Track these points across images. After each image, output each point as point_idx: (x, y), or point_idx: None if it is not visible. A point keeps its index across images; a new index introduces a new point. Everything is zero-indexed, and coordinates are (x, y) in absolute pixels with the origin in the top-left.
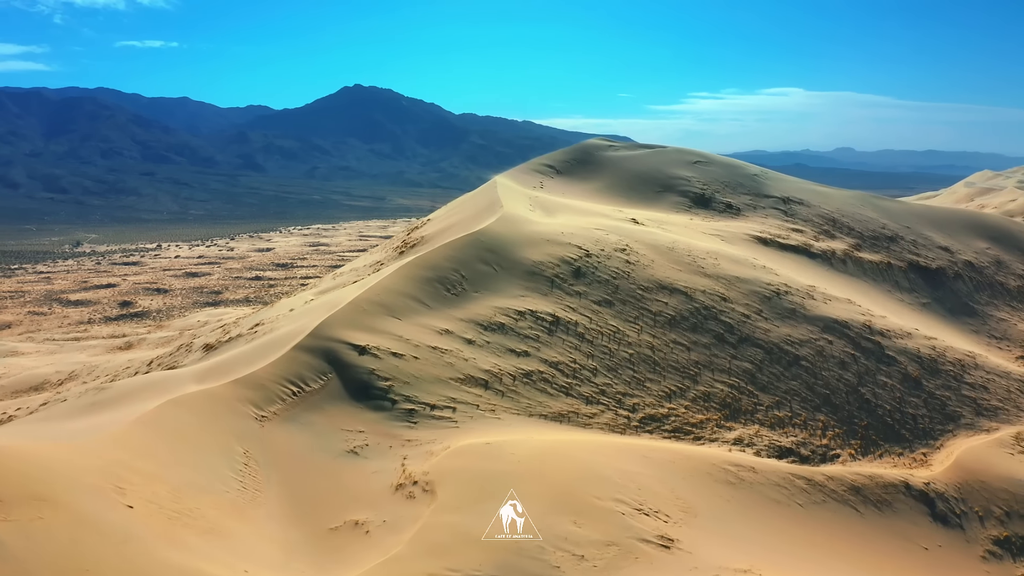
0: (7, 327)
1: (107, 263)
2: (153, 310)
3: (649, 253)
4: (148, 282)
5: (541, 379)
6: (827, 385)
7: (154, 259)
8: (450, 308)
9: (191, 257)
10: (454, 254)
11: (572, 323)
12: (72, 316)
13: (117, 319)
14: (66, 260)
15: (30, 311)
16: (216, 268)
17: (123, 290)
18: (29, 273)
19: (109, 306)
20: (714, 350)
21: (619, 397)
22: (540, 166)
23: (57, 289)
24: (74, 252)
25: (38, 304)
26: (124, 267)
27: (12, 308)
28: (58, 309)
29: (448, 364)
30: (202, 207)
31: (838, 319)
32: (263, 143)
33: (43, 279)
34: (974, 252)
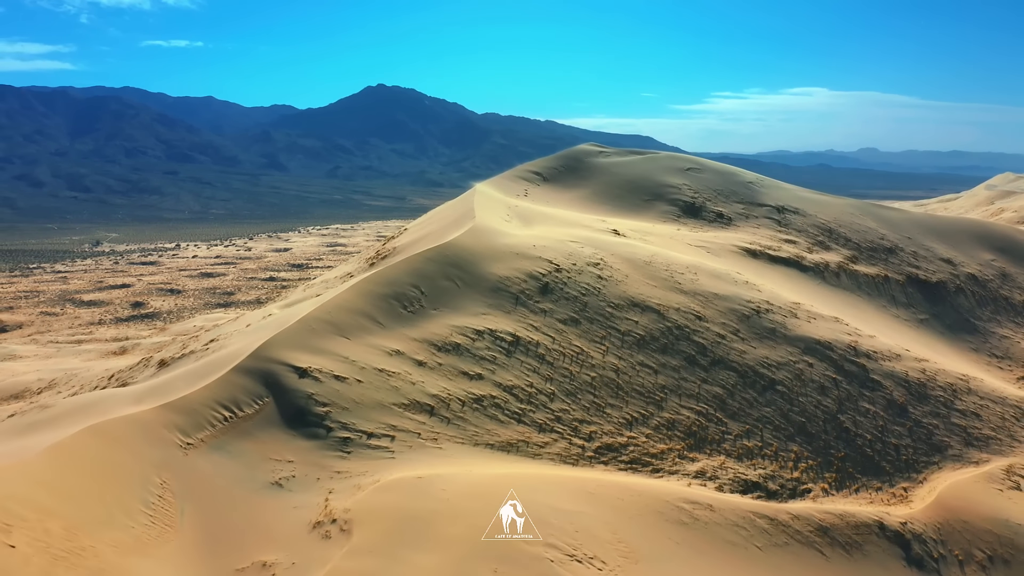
0: (18, 327)
1: (125, 263)
2: (164, 311)
3: (624, 268)
4: (162, 282)
5: (492, 405)
6: (804, 412)
7: (172, 259)
8: (405, 327)
9: (208, 257)
10: (415, 269)
11: (533, 343)
12: (83, 317)
13: (128, 320)
14: (85, 260)
15: (43, 311)
16: (231, 268)
17: (137, 291)
18: (47, 272)
19: (121, 307)
20: (684, 373)
21: (575, 424)
22: (526, 173)
23: (72, 289)
24: (93, 251)
25: (51, 304)
26: (141, 267)
27: (26, 308)
28: (70, 309)
29: (393, 388)
30: (223, 206)
31: (821, 340)
32: (286, 142)
33: (60, 279)
34: (978, 264)
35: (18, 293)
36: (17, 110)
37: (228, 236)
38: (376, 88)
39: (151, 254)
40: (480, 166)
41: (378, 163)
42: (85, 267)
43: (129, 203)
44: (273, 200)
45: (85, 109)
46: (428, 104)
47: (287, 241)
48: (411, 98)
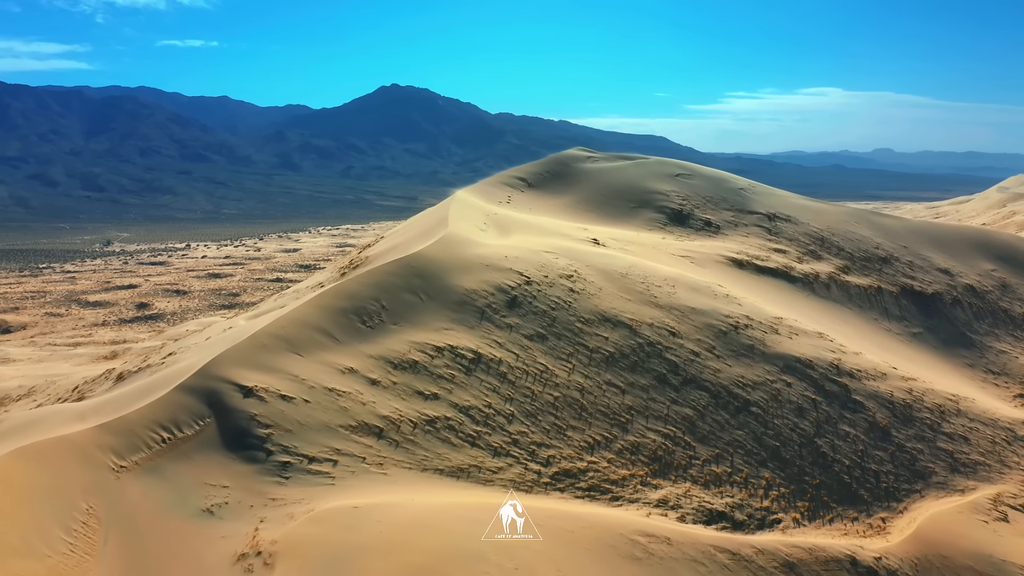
0: (22, 328)
1: (134, 263)
2: (168, 313)
3: (598, 280)
4: (169, 283)
5: (446, 427)
6: (778, 435)
7: (181, 259)
8: (362, 343)
9: (217, 257)
10: (377, 282)
11: (495, 361)
12: (88, 318)
13: (131, 321)
14: (94, 259)
15: (48, 312)
16: (239, 269)
17: (143, 291)
18: (56, 272)
19: (126, 308)
20: (653, 393)
21: (533, 448)
22: (511, 179)
23: (79, 290)
24: (103, 251)
25: (57, 305)
26: (150, 267)
27: (31, 309)
28: (75, 310)
29: (342, 409)
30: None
31: (802, 357)
32: (300, 142)
33: (68, 279)
34: (977, 274)
35: (25, 293)
36: (33, 110)
37: (239, 236)
38: (390, 88)
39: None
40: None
41: (391, 163)
42: (94, 267)
43: (142, 203)
44: (285, 200)
45: (100, 109)
46: (442, 104)
47: (297, 241)
48: (425, 98)
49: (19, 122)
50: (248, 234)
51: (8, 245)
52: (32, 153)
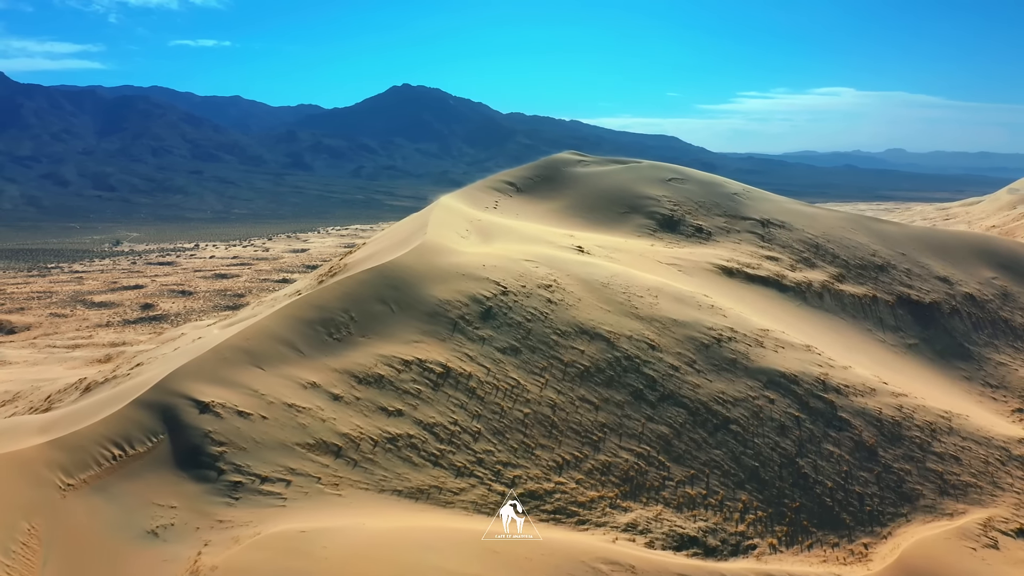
0: (26, 329)
1: (142, 263)
2: (172, 313)
3: (578, 290)
4: (175, 284)
5: (408, 445)
6: (758, 455)
7: (189, 259)
8: (327, 356)
9: (225, 257)
10: (347, 292)
11: (465, 375)
12: (92, 319)
13: (135, 322)
14: (103, 259)
15: (52, 312)
16: (246, 270)
17: (149, 292)
18: (64, 272)
19: (131, 308)
20: (628, 410)
21: (498, 468)
22: (499, 183)
23: (85, 290)
24: (112, 251)
25: (62, 305)
26: (157, 267)
27: (36, 309)
28: (80, 311)
29: (300, 426)
30: (245, 206)
31: (786, 372)
32: (311, 142)
33: (75, 279)
34: (977, 283)
35: (32, 294)
36: (46, 109)
37: (248, 236)
38: (401, 88)
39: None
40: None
41: (402, 163)
42: (102, 267)
43: (153, 202)
44: (295, 200)
45: (113, 108)
46: (453, 104)
47: (305, 242)
48: (436, 98)
49: (32, 121)
50: (257, 234)
51: (18, 245)
52: (44, 152)
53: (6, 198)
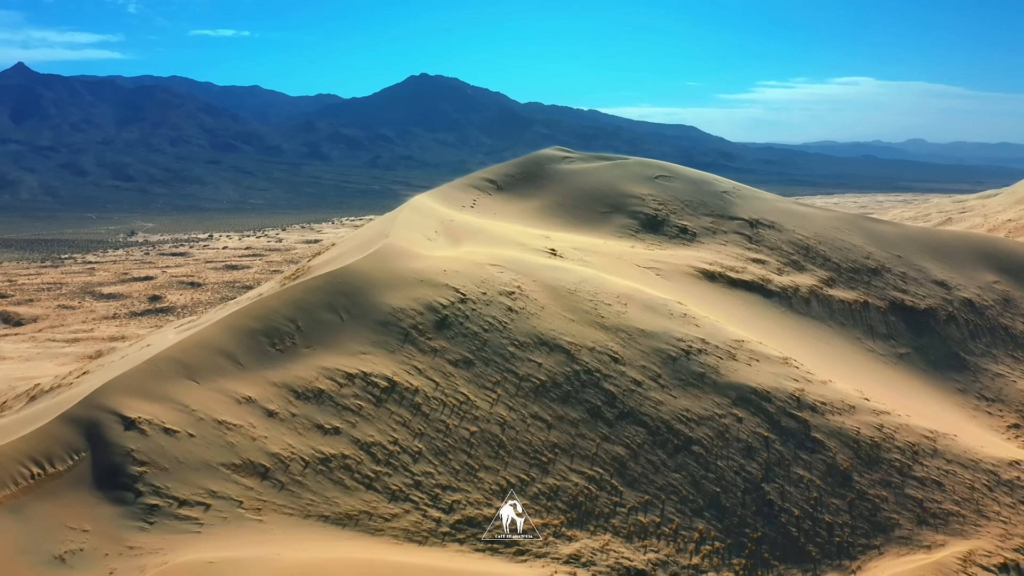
0: (33, 321)
1: (155, 253)
2: (179, 306)
3: (542, 297)
4: (185, 275)
5: (342, 466)
6: (720, 480)
7: (202, 250)
8: (267, 368)
9: (238, 248)
10: (295, 299)
11: (411, 390)
12: (99, 310)
13: (142, 315)
14: (116, 250)
15: (60, 304)
16: (257, 261)
17: (158, 283)
18: (77, 263)
19: (139, 300)
20: (583, 428)
21: (436, 492)
22: (480, 180)
23: (95, 281)
24: (127, 242)
25: (71, 297)
26: (170, 258)
27: (45, 301)
28: (88, 303)
29: (228, 445)
30: (262, 196)
31: (758, 388)
32: (329, 132)
33: (87, 270)
34: (977, 287)
35: (42, 285)
36: (65, 99)
37: (262, 227)
38: (419, 77)
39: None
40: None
41: (419, 153)
42: (115, 258)
43: (170, 192)
44: (312, 190)
45: (132, 98)
46: (471, 93)
47: (319, 232)
48: (454, 87)
49: (52, 112)
50: (272, 225)
51: (34, 235)
52: (64, 142)
53: (24, 188)
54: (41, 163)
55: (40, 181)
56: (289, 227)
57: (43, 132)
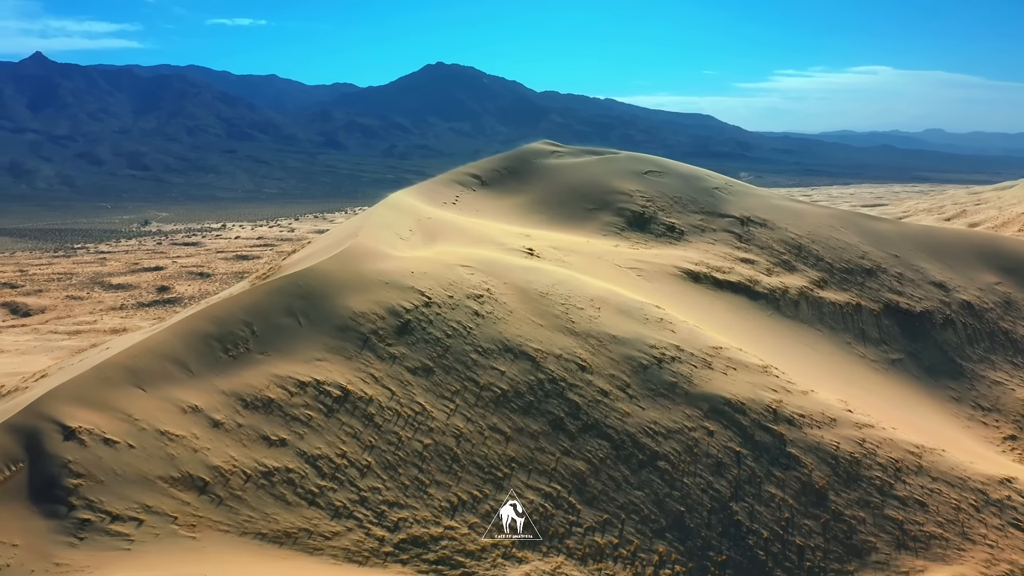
0: (40, 312)
1: (168, 243)
2: (186, 297)
3: (512, 301)
4: (195, 265)
5: (285, 480)
6: (685, 498)
7: (214, 240)
8: (218, 376)
9: (250, 238)
10: (253, 303)
11: (365, 399)
12: (107, 301)
13: (149, 305)
14: (129, 240)
15: (69, 295)
16: (268, 251)
17: (167, 274)
18: (90, 253)
19: (147, 291)
20: (543, 442)
21: (383, 509)
22: (463, 176)
23: (105, 271)
24: (140, 231)
25: (80, 288)
26: (181, 247)
27: (54, 291)
28: (96, 293)
29: (168, 457)
30: (276, 185)
31: (732, 399)
32: (345, 121)
33: (98, 260)
34: (978, 289)
35: (52, 275)
36: (83, 89)
37: (275, 216)
38: (435, 66)
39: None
40: None
41: (434, 142)
42: (127, 248)
43: (185, 181)
44: (326, 179)
45: (149, 87)
46: (486, 82)
47: (331, 222)
48: (470, 76)
49: (69, 101)
50: (285, 214)
51: (48, 225)
52: (81, 132)
53: (41, 177)
54: (58, 152)
55: (57, 170)
56: (302, 216)
57: (60, 121)
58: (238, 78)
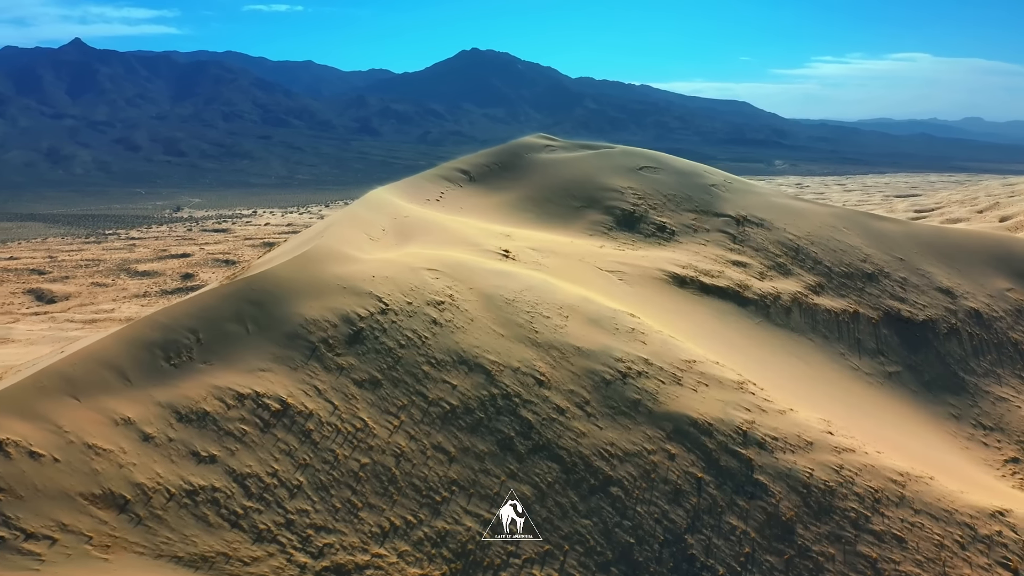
0: (65, 299)
1: (197, 230)
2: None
3: (475, 308)
4: (222, 252)
5: (209, 500)
6: (636, 529)
7: (244, 226)
8: (156, 386)
9: (280, 225)
10: (204, 307)
11: (304, 414)
12: (131, 288)
13: (172, 293)
14: (160, 226)
15: (94, 282)
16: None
17: (193, 261)
18: (120, 239)
19: (171, 279)
20: (489, 463)
21: (308, 533)
22: (451, 171)
23: (133, 258)
24: (172, 217)
25: (106, 275)
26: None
27: (80, 278)
28: (121, 280)
29: (92, 472)
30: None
31: (700, 419)
32: (380, 107)
33: (128, 246)
34: (988, 296)
35: (81, 262)
36: (121, 75)
37: (307, 203)
38: (470, 52)
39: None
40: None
41: (468, 128)
42: (157, 234)
43: (219, 167)
44: (359, 166)
45: (187, 74)
46: (521, 68)
47: None
48: (505, 62)
49: (107, 87)
50: (317, 201)
51: (83, 210)
52: (119, 118)
53: (78, 163)
54: (96, 138)
55: (94, 156)
56: (333, 203)
57: (99, 107)
58: (275, 64)
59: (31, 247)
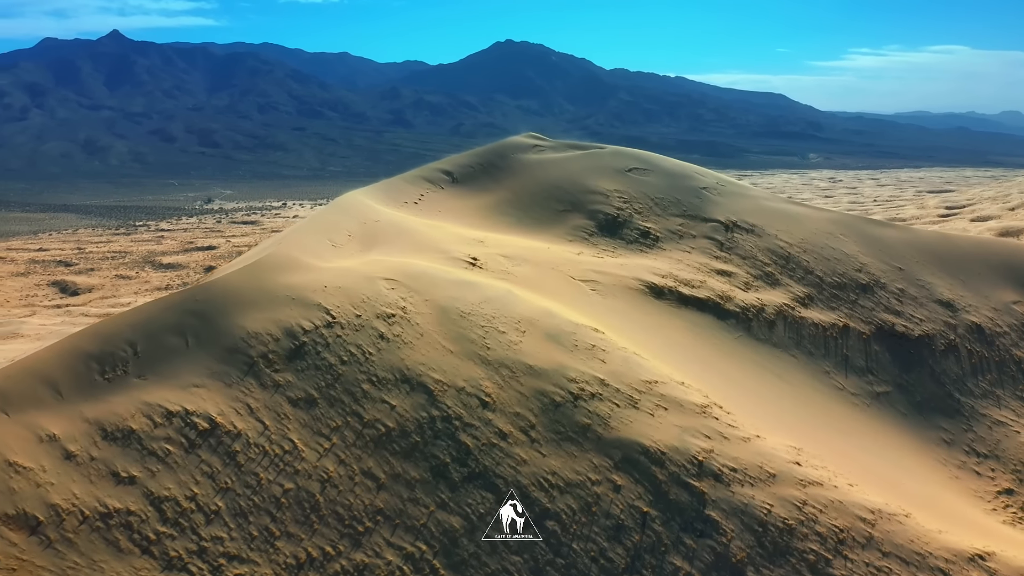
0: (88, 291)
1: (227, 222)
2: None
3: (426, 322)
4: (247, 245)
5: (122, 524)
6: (570, 568)
7: (272, 219)
8: (87, 401)
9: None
10: (145, 318)
11: (232, 434)
12: (153, 281)
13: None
14: (190, 218)
15: (119, 274)
16: None
17: (218, 254)
18: (149, 231)
19: (194, 271)
20: (419, 491)
21: (220, 563)
22: (435, 172)
23: (159, 250)
24: (202, 209)
25: (131, 267)
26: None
27: (105, 270)
28: (145, 273)
29: (9, 492)
30: (342, 163)
31: (651, 446)
32: (413, 99)
33: (156, 238)
34: (992, 309)
35: (108, 253)
36: (159, 66)
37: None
38: (504, 44)
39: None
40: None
41: (501, 120)
42: (186, 226)
43: (253, 159)
44: (391, 158)
45: (223, 65)
46: (555, 60)
47: None
48: (538, 54)
49: (144, 79)
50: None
51: (116, 201)
52: (155, 109)
53: (114, 154)
54: (132, 129)
55: (129, 147)
56: None
57: (136, 99)
58: (311, 56)
59: (61, 239)
